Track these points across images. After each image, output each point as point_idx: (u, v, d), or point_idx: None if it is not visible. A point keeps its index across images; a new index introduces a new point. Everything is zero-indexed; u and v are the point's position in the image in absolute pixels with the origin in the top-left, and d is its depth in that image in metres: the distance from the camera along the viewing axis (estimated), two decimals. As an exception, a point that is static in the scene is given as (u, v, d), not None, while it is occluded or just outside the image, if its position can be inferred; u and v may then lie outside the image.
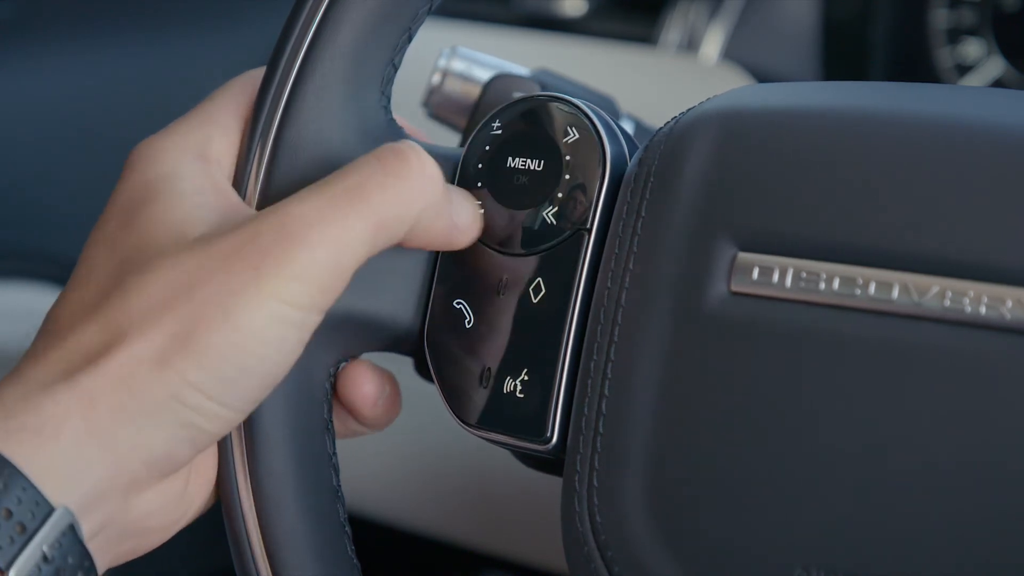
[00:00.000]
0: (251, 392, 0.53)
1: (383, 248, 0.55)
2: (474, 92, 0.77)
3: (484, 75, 0.78)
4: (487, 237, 0.60)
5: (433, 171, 0.55)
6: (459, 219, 0.57)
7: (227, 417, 0.53)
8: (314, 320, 0.53)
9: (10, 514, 0.48)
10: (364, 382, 0.60)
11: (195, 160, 0.56)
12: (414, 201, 0.55)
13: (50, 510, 0.49)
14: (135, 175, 0.56)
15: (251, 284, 0.51)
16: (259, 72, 0.59)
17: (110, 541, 0.53)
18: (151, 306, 0.52)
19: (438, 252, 0.60)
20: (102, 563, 0.52)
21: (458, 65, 0.78)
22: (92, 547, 0.51)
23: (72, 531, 0.50)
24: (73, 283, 0.55)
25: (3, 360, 1.12)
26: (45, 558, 0.49)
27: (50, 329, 0.53)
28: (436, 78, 0.78)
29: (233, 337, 0.51)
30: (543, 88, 0.76)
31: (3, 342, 1.12)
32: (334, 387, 0.60)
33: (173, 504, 0.56)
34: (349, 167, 0.54)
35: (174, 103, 1.19)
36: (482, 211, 0.59)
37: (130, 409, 0.51)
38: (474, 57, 0.78)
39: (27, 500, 0.49)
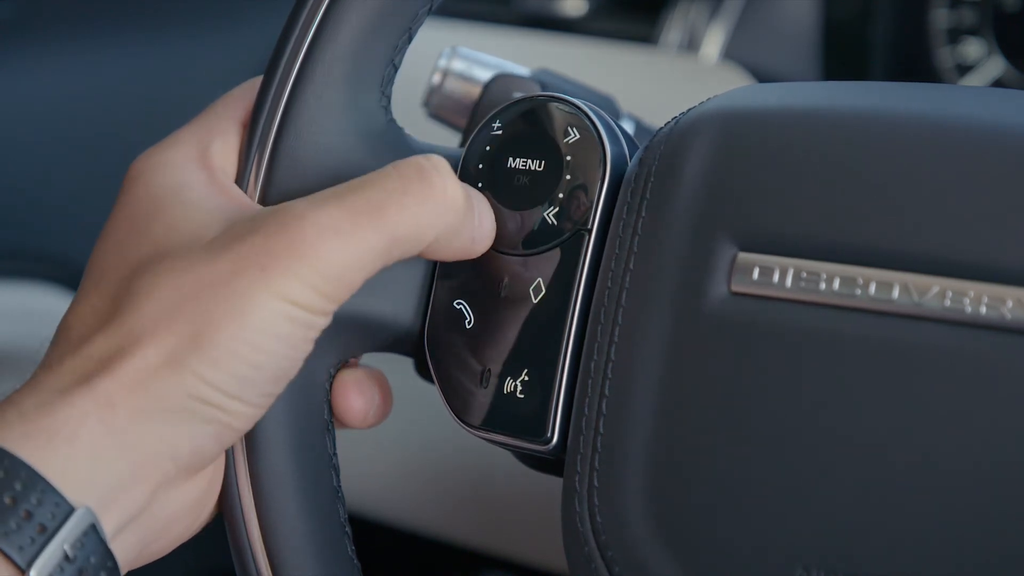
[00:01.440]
0: (266, 387, 0.53)
1: (396, 261, 0.55)
2: (474, 92, 0.77)
3: (484, 75, 0.78)
4: (487, 237, 0.60)
5: (455, 194, 0.55)
6: (478, 232, 0.58)
7: (248, 412, 0.53)
8: (322, 322, 0.54)
9: (30, 515, 0.49)
10: (351, 397, 0.60)
11: (200, 168, 0.57)
12: (432, 225, 0.55)
13: (71, 510, 0.49)
14: (140, 187, 0.56)
15: (259, 283, 0.52)
16: (257, 81, 0.59)
17: (134, 541, 0.53)
18: (163, 310, 0.52)
19: None
20: (125, 563, 0.53)
21: (458, 65, 0.78)
22: (115, 547, 0.51)
23: (94, 531, 0.50)
24: (83, 292, 0.55)
25: (3, 360, 1.12)
26: (67, 557, 0.49)
27: (64, 338, 0.54)
28: (436, 78, 0.78)
29: (243, 335, 0.52)
30: (543, 88, 0.76)
31: (3, 342, 1.12)
32: (329, 426, 0.60)
33: (199, 502, 0.56)
34: (370, 179, 0.54)
35: (174, 103, 1.19)
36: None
37: (149, 410, 0.51)
38: (474, 57, 0.78)
39: (47, 501, 0.49)
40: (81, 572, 0.50)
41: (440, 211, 0.55)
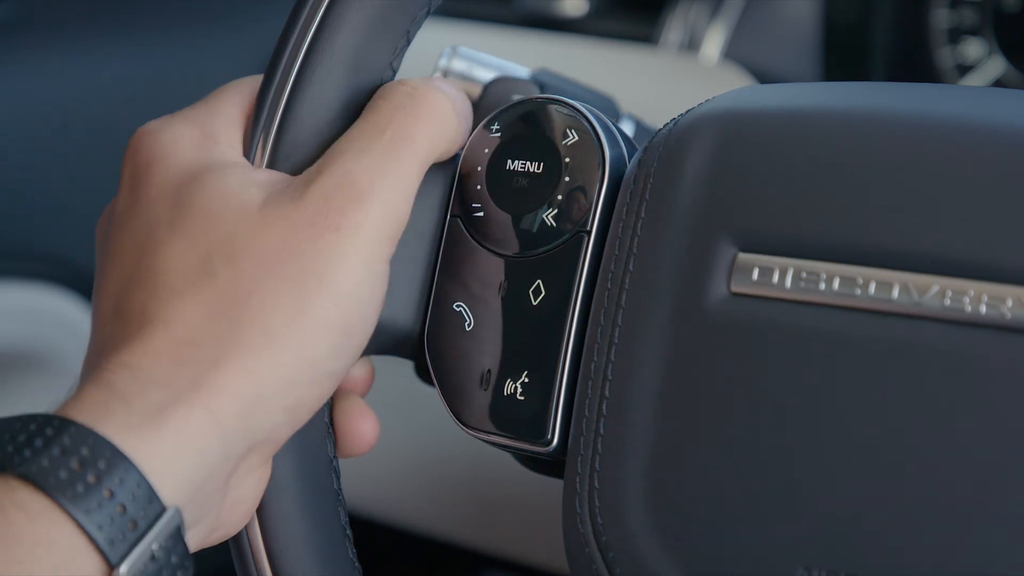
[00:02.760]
0: (354, 354, 0.54)
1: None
2: (475, 92, 0.77)
3: (485, 75, 0.78)
4: (487, 240, 0.60)
5: (461, 104, 0.58)
6: (465, 125, 0.59)
7: (331, 387, 0.54)
8: (388, 270, 0.55)
9: (124, 509, 0.49)
10: (363, 422, 0.60)
11: (213, 144, 0.56)
12: (448, 140, 0.58)
13: (162, 509, 0.49)
14: (162, 162, 0.55)
15: (337, 246, 0.52)
16: (257, 78, 0.59)
17: (202, 531, 0.53)
18: (252, 286, 0.52)
19: (438, 255, 0.60)
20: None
21: (459, 65, 0.78)
22: (187, 538, 0.51)
23: (178, 531, 0.50)
24: (142, 269, 0.54)
25: (3, 360, 1.12)
26: (153, 557, 0.49)
27: (144, 316, 0.52)
28: (437, 77, 0.78)
29: (337, 303, 0.52)
30: (543, 89, 0.76)
31: (3, 342, 1.12)
32: (330, 429, 0.60)
33: (257, 489, 0.56)
34: (386, 111, 0.56)
35: (175, 103, 1.19)
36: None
37: (248, 397, 0.51)
38: (475, 57, 0.78)
39: (141, 497, 0.49)
40: (161, 571, 0.50)
41: (451, 125, 0.57)
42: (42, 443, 0.49)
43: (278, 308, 0.52)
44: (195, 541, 0.52)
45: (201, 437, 0.50)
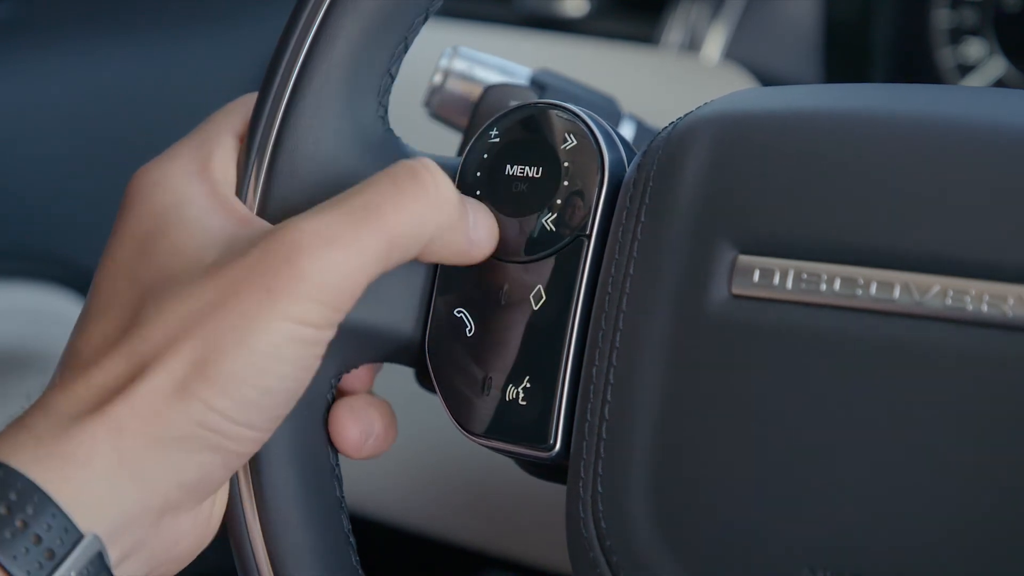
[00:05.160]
0: (275, 411, 0.53)
1: (396, 265, 0.54)
2: (476, 92, 0.77)
3: (486, 75, 0.78)
4: (487, 245, 0.60)
5: (447, 191, 0.55)
6: (476, 235, 0.57)
7: (254, 437, 0.53)
8: (328, 335, 0.53)
9: (39, 539, 0.49)
10: (347, 426, 0.60)
11: (200, 182, 0.56)
12: (428, 222, 0.54)
13: (79, 537, 0.49)
14: (142, 204, 0.56)
15: (264, 306, 0.51)
16: (253, 96, 0.59)
17: (138, 567, 0.53)
18: (169, 336, 0.52)
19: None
20: None
21: (460, 65, 0.78)
22: (119, 574, 0.51)
23: (100, 559, 0.50)
24: (92, 315, 0.55)
25: (3, 359, 1.12)
26: None
27: (73, 363, 0.53)
28: (438, 78, 0.78)
29: (250, 360, 0.51)
30: (543, 90, 0.76)
31: (3, 342, 1.12)
32: (330, 438, 0.60)
33: (202, 526, 0.56)
34: (362, 185, 0.54)
35: (176, 104, 1.19)
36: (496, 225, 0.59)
37: (159, 438, 0.51)
38: (476, 57, 0.78)
39: (56, 526, 0.49)
40: None
41: (434, 207, 0.54)
42: None
43: (188, 359, 0.51)
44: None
45: (109, 471, 0.50)
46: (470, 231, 0.57)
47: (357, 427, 0.60)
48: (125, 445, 0.51)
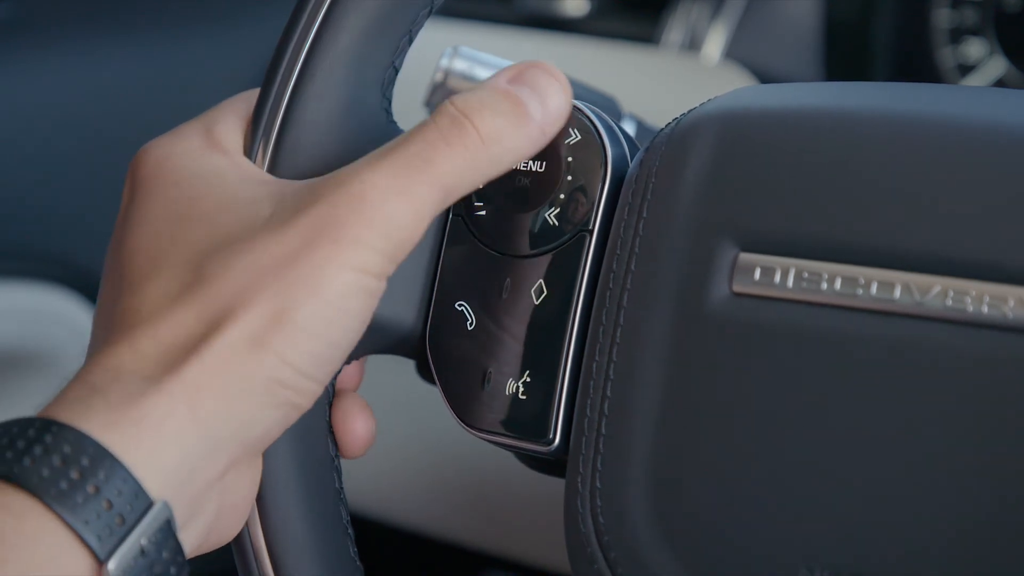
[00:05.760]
0: (335, 364, 0.54)
1: (452, 203, 0.55)
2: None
3: (486, 75, 0.78)
4: (488, 239, 0.60)
5: (492, 129, 0.54)
6: (548, 115, 0.56)
7: (315, 391, 0.53)
8: (383, 287, 0.54)
9: (111, 505, 0.48)
10: (357, 420, 0.60)
11: (220, 153, 0.56)
12: (479, 169, 0.55)
13: (149, 503, 0.49)
14: (164, 175, 0.56)
15: (334, 257, 0.52)
16: (256, 91, 0.59)
17: (199, 531, 0.53)
18: (242, 289, 0.52)
19: (440, 255, 0.60)
20: (188, 554, 0.52)
21: (460, 65, 0.78)
22: (182, 538, 0.51)
23: (168, 525, 0.50)
24: (142, 277, 0.54)
25: (3, 360, 1.12)
26: (142, 551, 0.49)
27: (132, 321, 0.53)
28: (438, 77, 0.78)
29: (323, 312, 0.52)
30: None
31: (3, 342, 1.12)
32: (331, 428, 0.61)
33: (251, 489, 0.56)
34: (412, 134, 0.54)
35: (177, 103, 1.19)
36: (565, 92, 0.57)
37: (232, 394, 0.51)
38: (476, 57, 0.78)
39: (127, 492, 0.49)
40: (152, 566, 0.49)
41: (483, 153, 0.54)
42: (24, 444, 0.49)
43: (263, 312, 0.51)
44: (191, 543, 0.52)
45: (182, 432, 0.50)
46: (540, 119, 0.56)
47: (367, 424, 0.60)
48: (200, 404, 0.50)
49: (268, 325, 0.51)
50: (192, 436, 0.50)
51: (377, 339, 0.60)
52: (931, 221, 0.52)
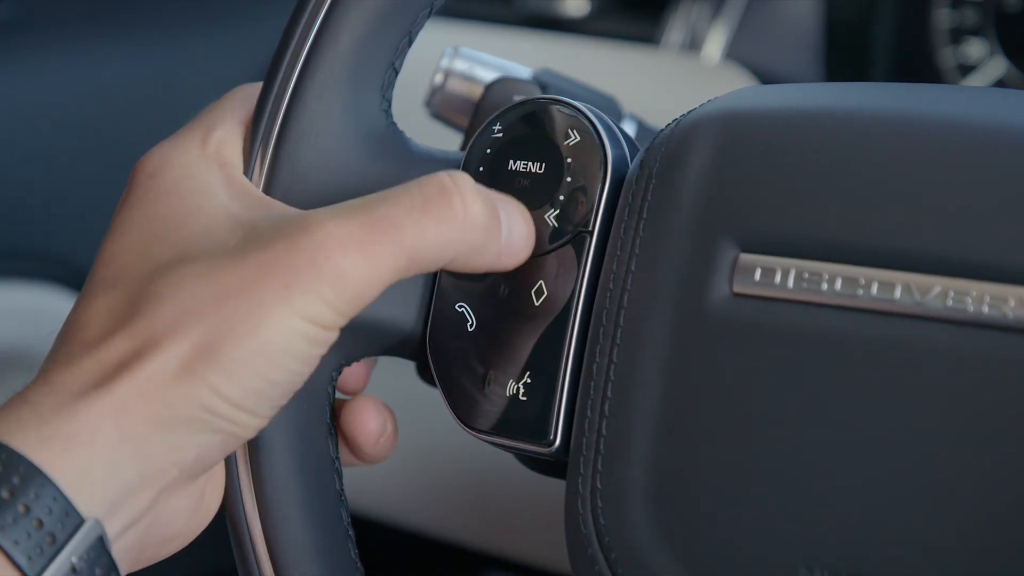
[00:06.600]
0: (275, 400, 0.53)
1: (413, 275, 0.54)
2: (476, 92, 0.77)
3: (486, 75, 0.78)
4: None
5: (476, 213, 0.54)
6: (511, 246, 0.56)
7: (255, 423, 0.53)
8: (332, 337, 0.53)
9: (41, 524, 0.48)
10: (368, 418, 0.61)
11: (217, 166, 0.56)
12: (450, 244, 0.54)
13: (80, 521, 0.49)
14: (159, 184, 0.56)
15: (281, 301, 0.51)
16: (257, 85, 0.59)
17: (133, 547, 0.53)
18: (180, 315, 0.52)
19: None
20: (123, 569, 0.52)
21: (460, 65, 0.78)
22: (115, 553, 0.51)
23: (100, 542, 0.50)
24: (96, 289, 0.54)
25: (8, 359, 1.12)
26: (73, 569, 0.49)
27: (76, 336, 0.53)
28: (439, 78, 0.78)
29: (260, 351, 0.51)
30: (544, 89, 0.76)
31: (7, 341, 1.12)
32: (337, 419, 0.61)
33: (194, 507, 0.56)
34: (391, 194, 0.53)
35: (176, 103, 1.19)
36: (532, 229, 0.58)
37: (162, 416, 0.51)
38: (476, 57, 0.78)
39: (57, 510, 0.49)
40: None
41: (459, 231, 0.53)
42: None
43: (198, 340, 0.51)
44: (127, 559, 0.52)
45: (112, 449, 0.50)
46: (503, 244, 0.56)
47: (376, 419, 0.60)
48: (128, 423, 0.50)
49: (201, 354, 0.51)
50: (122, 454, 0.50)
51: (377, 341, 0.60)
52: (931, 221, 0.52)
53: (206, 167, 0.56)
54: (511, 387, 0.58)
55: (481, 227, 0.54)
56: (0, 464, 0.49)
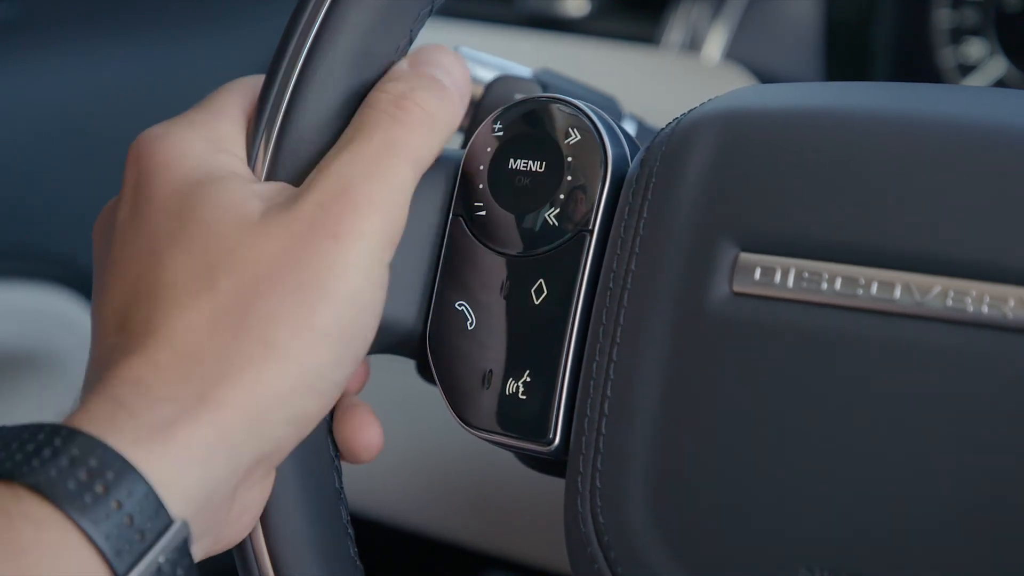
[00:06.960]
0: (351, 365, 0.54)
1: (421, 175, 0.57)
2: (477, 91, 0.77)
3: (487, 75, 0.77)
4: (489, 239, 0.60)
5: (432, 105, 0.57)
6: (459, 87, 0.59)
7: (333, 395, 0.54)
8: (387, 276, 0.55)
9: (132, 520, 0.48)
10: (370, 429, 0.61)
11: (225, 155, 0.57)
12: (435, 138, 0.57)
13: (169, 522, 0.49)
14: (169, 177, 0.55)
15: (336, 254, 0.52)
16: (259, 77, 0.59)
17: (207, 543, 0.53)
18: (252, 301, 0.52)
19: (440, 255, 0.60)
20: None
21: (461, 65, 0.78)
22: (193, 551, 0.51)
23: (185, 544, 0.50)
24: (144, 285, 0.54)
25: (3, 360, 1.12)
26: (159, 569, 0.49)
27: (145, 329, 0.52)
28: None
29: (336, 311, 0.52)
30: (545, 89, 0.76)
31: (3, 342, 1.12)
32: (331, 428, 0.61)
33: (261, 499, 0.56)
34: (364, 123, 0.56)
35: (175, 103, 1.19)
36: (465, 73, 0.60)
37: (254, 410, 0.51)
38: (477, 57, 0.78)
39: (149, 508, 0.49)
40: None
41: (431, 127, 0.57)
42: (50, 453, 0.49)
43: (280, 320, 0.52)
44: (200, 552, 0.52)
45: (207, 451, 0.50)
46: (455, 96, 0.59)
47: (376, 430, 0.61)
48: (225, 423, 0.51)
49: (287, 334, 0.51)
50: (215, 455, 0.51)
51: (377, 339, 0.60)
52: (931, 221, 0.52)
53: (217, 158, 0.56)
54: (511, 386, 0.58)
55: (438, 109, 0.57)
56: (95, 459, 0.48)
